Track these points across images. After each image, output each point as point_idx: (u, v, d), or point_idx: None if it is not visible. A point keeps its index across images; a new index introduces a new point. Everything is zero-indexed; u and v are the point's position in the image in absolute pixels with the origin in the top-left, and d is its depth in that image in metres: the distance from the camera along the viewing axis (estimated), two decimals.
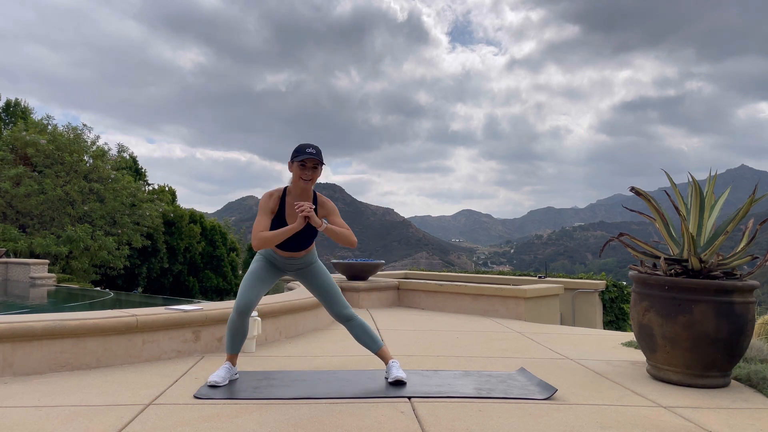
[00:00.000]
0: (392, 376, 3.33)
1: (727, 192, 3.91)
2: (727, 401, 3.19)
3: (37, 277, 11.98)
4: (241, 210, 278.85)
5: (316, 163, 3.24)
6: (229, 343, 3.42)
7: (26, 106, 26.11)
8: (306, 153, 3.20)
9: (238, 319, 3.36)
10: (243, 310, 3.33)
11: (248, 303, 3.34)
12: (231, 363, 3.42)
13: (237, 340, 3.42)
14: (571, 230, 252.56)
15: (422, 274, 11.28)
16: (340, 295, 3.50)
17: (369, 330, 3.48)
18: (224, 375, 3.32)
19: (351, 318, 3.46)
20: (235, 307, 3.35)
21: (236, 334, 3.40)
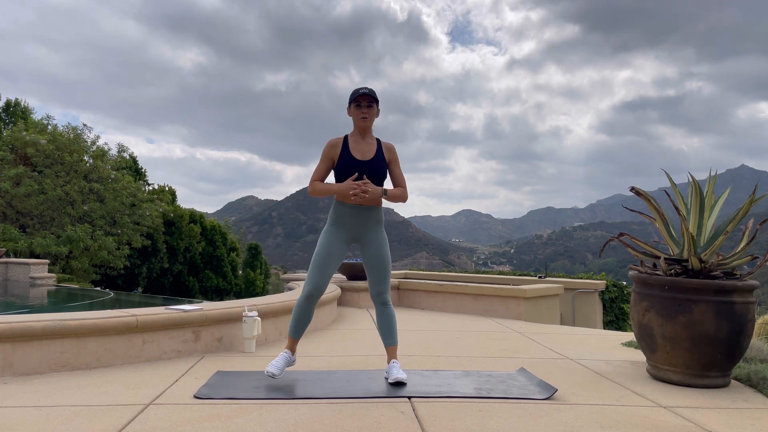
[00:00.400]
0: (392, 376, 3.32)
1: (727, 192, 3.91)
2: (727, 401, 3.19)
3: (37, 277, 11.99)
4: (241, 210, 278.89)
5: (370, 100, 3.34)
6: (293, 326, 3.42)
7: (26, 106, 26.12)
8: (359, 92, 3.32)
9: (305, 302, 3.37)
10: (313, 293, 3.36)
11: (318, 286, 3.36)
12: (291, 350, 3.43)
13: (301, 325, 3.42)
14: (571, 230, 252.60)
15: (422, 274, 11.28)
16: (389, 277, 3.47)
17: (394, 324, 3.47)
18: (282, 365, 3.33)
19: (387, 303, 3.44)
20: (304, 291, 3.37)
21: (302, 318, 3.40)
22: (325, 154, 3.40)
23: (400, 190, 3.44)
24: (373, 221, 3.43)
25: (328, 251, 3.39)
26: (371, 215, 3.41)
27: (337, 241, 3.41)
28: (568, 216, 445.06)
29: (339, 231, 3.43)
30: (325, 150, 3.41)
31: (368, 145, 3.40)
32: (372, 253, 3.43)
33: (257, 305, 4.66)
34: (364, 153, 3.36)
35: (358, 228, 3.42)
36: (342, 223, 3.41)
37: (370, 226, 3.42)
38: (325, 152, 3.40)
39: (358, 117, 3.35)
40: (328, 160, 3.40)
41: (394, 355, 3.47)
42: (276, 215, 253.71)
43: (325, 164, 3.41)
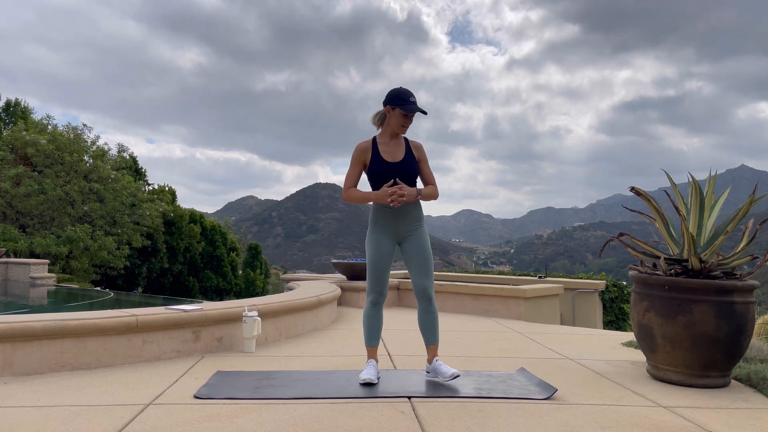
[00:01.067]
0: (446, 375, 3.31)
1: (727, 192, 3.91)
2: (727, 401, 3.19)
3: (37, 277, 11.98)
4: (241, 210, 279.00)
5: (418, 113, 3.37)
6: (367, 336, 3.46)
7: (26, 106, 26.12)
8: (411, 103, 3.33)
9: (372, 310, 3.44)
10: (376, 300, 3.44)
11: (380, 293, 3.44)
12: (374, 359, 3.46)
13: (375, 332, 3.46)
14: (571, 230, 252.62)
15: None
16: (432, 272, 3.46)
17: (437, 322, 3.47)
18: (373, 371, 3.36)
19: (431, 300, 3.43)
20: (369, 299, 3.44)
21: (373, 325, 3.45)
22: (356, 159, 3.41)
23: (432, 188, 3.47)
24: (414, 218, 3.45)
25: (379, 255, 3.42)
26: (411, 213, 3.43)
27: (384, 244, 3.43)
28: (568, 216, 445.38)
29: (383, 233, 3.44)
30: (355, 155, 3.41)
31: (397, 146, 3.42)
32: (413, 249, 3.43)
33: (257, 305, 4.66)
34: (394, 155, 3.38)
35: (400, 227, 3.44)
36: (383, 224, 3.43)
37: (410, 223, 3.44)
38: (355, 157, 3.41)
39: (399, 125, 3.36)
40: (360, 164, 3.41)
41: (436, 353, 3.48)
42: (276, 215, 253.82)
43: (357, 169, 3.42)
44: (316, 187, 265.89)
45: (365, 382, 3.29)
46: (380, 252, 3.41)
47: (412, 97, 3.34)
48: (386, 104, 3.38)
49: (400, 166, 3.36)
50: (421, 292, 3.41)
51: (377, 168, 3.35)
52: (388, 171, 3.34)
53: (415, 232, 3.44)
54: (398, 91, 3.35)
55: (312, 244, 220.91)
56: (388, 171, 3.34)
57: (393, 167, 3.35)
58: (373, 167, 3.36)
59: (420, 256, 3.42)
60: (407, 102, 3.32)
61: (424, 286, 3.40)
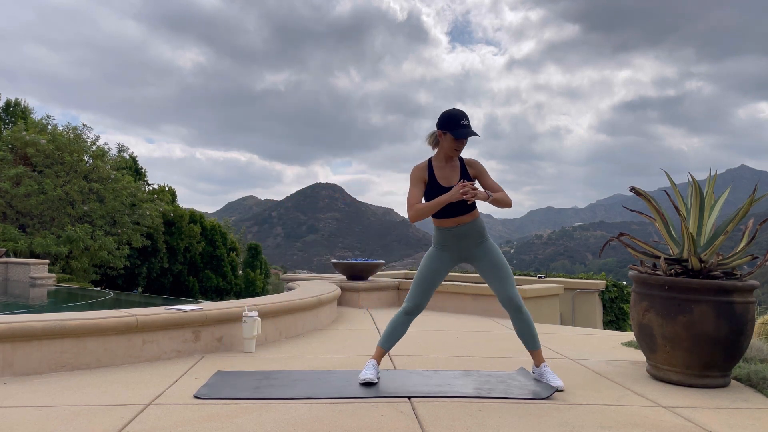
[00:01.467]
0: (553, 384, 3.26)
1: (727, 192, 3.91)
2: (727, 401, 3.19)
3: (37, 277, 11.98)
4: (241, 210, 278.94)
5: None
6: (386, 337, 3.45)
7: (26, 106, 26.12)
8: (463, 127, 3.22)
9: (404, 317, 3.42)
10: (412, 310, 3.41)
11: (419, 304, 3.41)
12: (378, 360, 3.45)
13: (395, 337, 3.46)
14: (571, 230, 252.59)
15: None
16: (513, 280, 3.41)
17: (534, 328, 3.42)
18: (373, 371, 3.35)
19: (520, 308, 3.35)
20: (405, 305, 3.42)
21: (397, 331, 3.44)
22: (417, 178, 3.32)
23: (503, 194, 3.32)
24: (476, 234, 3.38)
25: (434, 273, 3.40)
26: (471, 229, 3.37)
27: (443, 264, 3.41)
28: (568, 216, 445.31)
29: (445, 253, 3.42)
30: (415, 174, 3.33)
31: (453, 169, 3.35)
32: (487, 265, 3.39)
33: (257, 305, 4.66)
34: (449, 179, 3.32)
35: (464, 247, 3.40)
36: (447, 246, 3.40)
37: (473, 240, 3.38)
38: (415, 177, 3.33)
39: (452, 149, 3.27)
40: (421, 182, 3.32)
41: (542, 358, 3.44)
42: (276, 215, 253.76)
43: (419, 188, 3.32)
44: (316, 187, 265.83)
45: (365, 382, 3.29)
46: (435, 266, 3.40)
47: (464, 120, 3.23)
48: (438, 128, 3.29)
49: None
50: (507, 301, 3.35)
51: (434, 193, 3.27)
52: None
53: (481, 247, 3.39)
54: (450, 115, 3.25)
55: (312, 244, 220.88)
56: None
57: (446, 191, 3.23)
58: (430, 192, 3.30)
59: (497, 269, 3.36)
60: (459, 126, 3.21)
61: (509, 295, 3.34)
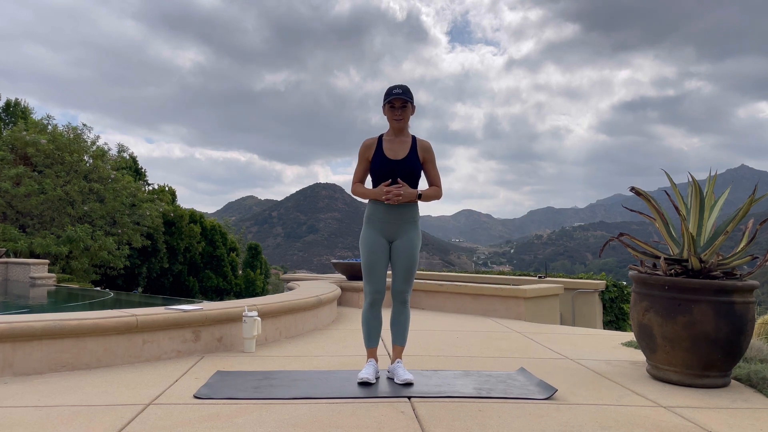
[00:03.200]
0: (400, 377, 3.31)
1: (727, 192, 3.91)
2: (727, 401, 3.19)
3: (37, 277, 11.98)
4: (241, 210, 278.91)
5: (403, 102, 3.33)
6: (366, 337, 3.46)
7: (26, 106, 26.12)
8: (392, 93, 3.31)
9: (370, 310, 3.42)
10: (374, 299, 3.41)
11: (377, 291, 3.40)
12: (374, 359, 3.45)
13: (374, 333, 3.45)
14: (571, 230, 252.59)
15: (422, 274, 11.29)
16: (413, 278, 3.45)
17: (408, 325, 3.48)
18: (372, 371, 3.35)
19: (405, 303, 3.44)
20: (366, 300, 3.42)
21: (372, 326, 3.44)
22: (361, 155, 3.44)
23: (434, 190, 3.43)
24: (406, 219, 3.42)
25: (372, 254, 3.40)
26: (403, 214, 3.40)
27: (377, 242, 3.42)
28: (568, 216, 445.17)
29: (375, 231, 3.44)
30: (360, 151, 3.45)
31: (402, 143, 3.40)
32: (400, 251, 3.42)
33: (257, 305, 4.66)
34: (396, 152, 3.38)
35: (391, 226, 3.41)
36: (375, 222, 3.43)
37: (402, 224, 3.42)
38: (360, 153, 3.45)
39: (392, 118, 3.36)
40: (364, 160, 3.44)
41: (400, 355, 3.47)
42: (276, 215, 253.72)
43: (362, 165, 3.45)
44: (316, 187, 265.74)
45: (362, 381, 3.29)
46: (374, 250, 3.39)
47: (396, 89, 3.33)
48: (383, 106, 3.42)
49: (401, 164, 3.35)
50: (398, 294, 3.43)
51: (378, 164, 3.36)
52: (388, 168, 3.34)
53: (406, 234, 3.42)
54: (387, 89, 3.37)
55: (312, 244, 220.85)
56: (388, 168, 3.34)
57: (393, 164, 3.34)
58: (375, 164, 3.38)
59: (406, 260, 3.41)
60: (389, 94, 3.33)
61: (402, 290, 3.42)
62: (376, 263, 3.39)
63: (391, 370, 3.44)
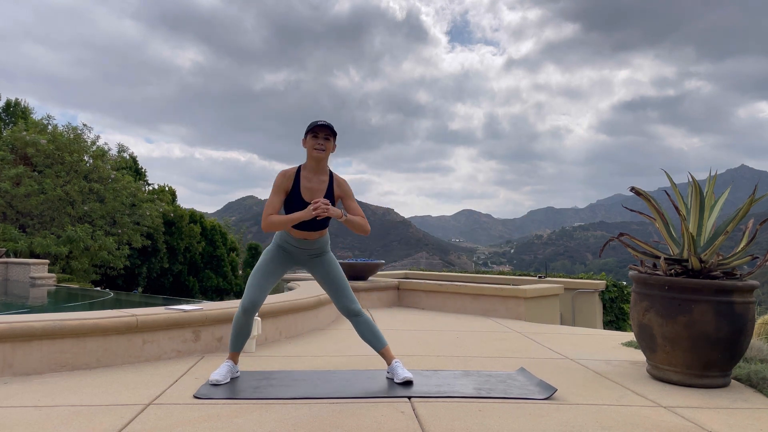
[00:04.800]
0: (399, 376, 3.32)
1: (727, 192, 3.91)
2: (727, 401, 3.19)
3: (37, 277, 11.98)
4: (241, 210, 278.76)
5: (327, 133, 3.27)
6: (233, 341, 3.44)
7: (26, 106, 26.12)
8: (317, 123, 3.26)
9: (243, 316, 3.38)
10: (248, 307, 3.35)
11: (254, 301, 3.35)
12: (233, 361, 3.44)
13: (240, 339, 3.44)
14: (571, 230, 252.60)
15: (422, 274, 11.29)
16: (349, 290, 3.46)
17: (375, 328, 3.48)
18: (225, 373, 3.33)
19: (358, 314, 3.44)
20: (241, 305, 3.38)
21: (240, 332, 3.42)
22: (278, 187, 3.27)
23: (361, 219, 3.29)
24: (318, 249, 3.44)
25: (268, 271, 3.40)
26: (315, 245, 3.42)
27: (279, 265, 3.43)
28: (568, 216, 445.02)
29: (283, 255, 3.44)
30: (277, 182, 3.29)
31: (320, 183, 3.32)
32: (325, 275, 3.45)
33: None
34: (313, 193, 3.29)
35: (303, 257, 3.45)
36: (287, 250, 3.43)
37: (313, 252, 3.44)
38: (277, 184, 3.28)
39: (313, 147, 3.24)
40: (282, 191, 3.28)
41: (392, 355, 3.48)
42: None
43: (278, 197, 3.28)
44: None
45: (211, 382, 3.24)
46: (270, 268, 3.40)
47: (321, 121, 3.25)
48: (303, 138, 3.31)
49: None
50: (346, 311, 3.43)
51: (294, 204, 3.26)
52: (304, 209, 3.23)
53: (319, 259, 3.44)
54: (311, 123, 3.29)
55: None
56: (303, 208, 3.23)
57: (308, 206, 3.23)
58: (289, 203, 3.27)
59: (332, 281, 3.43)
60: (315, 125, 3.24)
61: (346, 306, 3.42)
62: (269, 279, 3.39)
63: (390, 370, 3.44)
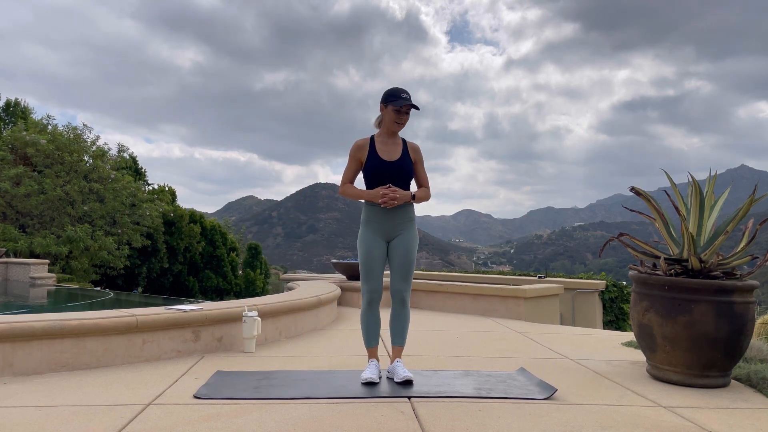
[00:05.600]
0: (399, 376, 3.33)
1: (727, 192, 3.91)
2: (727, 401, 3.19)
3: (37, 277, 11.98)
4: (241, 210, 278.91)
5: (409, 107, 3.37)
6: (366, 337, 3.47)
7: (26, 106, 26.12)
8: (402, 98, 3.34)
9: (368, 310, 3.43)
10: (372, 299, 3.42)
11: (374, 290, 3.41)
12: (374, 358, 3.47)
13: (373, 332, 3.47)
14: (571, 230, 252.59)
15: (422, 274, 11.29)
16: (410, 277, 3.47)
17: (407, 326, 3.48)
18: (375, 371, 3.36)
19: (405, 303, 3.44)
20: (364, 300, 3.43)
21: (369, 326, 3.45)
22: (352, 156, 3.45)
23: (424, 191, 3.50)
24: (404, 219, 3.46)
25: (369, 254, 3.43)
26: (401, 213, 3.44)
27: (374, 242, 3.44)
28: (568, 216, 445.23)
29: (373, 232, 3.45)
30: (351, 151, 3.45)
31: (395, 145, 3.45)
32: (398, 249, 3.44)
33: (257, 305, 4.66)
34: (390, 154, 3.41)
35: (390, 226, 3.44)
36: (373, 222, 3.44)
37: (400, 223, 3.45)
38: (351, 153, 3.45)
39: (393, 121, 3.37)
40: (356, 161, 3.45)
41: (399, 355, 3.48)
42: (276, 215, 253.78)
43: (353, 165, 3.46)
44: (316, 187, 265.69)
45: (366, 382, 3.29)
46: (371, 249, 3.42)
47: (404, 93, 3.37)
48: (381, 102, 3.43)
49: (396, 165, 3.38)
50: (397, 293, 3.44)
51: (373, 166, 3.38)
52: (384, 169, 3.37)
53: (404, 232, 3.45)
54: (391, 90, 3.39)
55: (312, 244, 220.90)
56: (383, 169, 3.37)
57: (388, 166, 3.38)
58: (369, 165, 3.39)
59: (403, 258, 3.43)
60: (398, 98, 3.35)
61: (400, 289, 3.43)
62: (374, 263, 3.41)
63: (390, 369, 3.45)
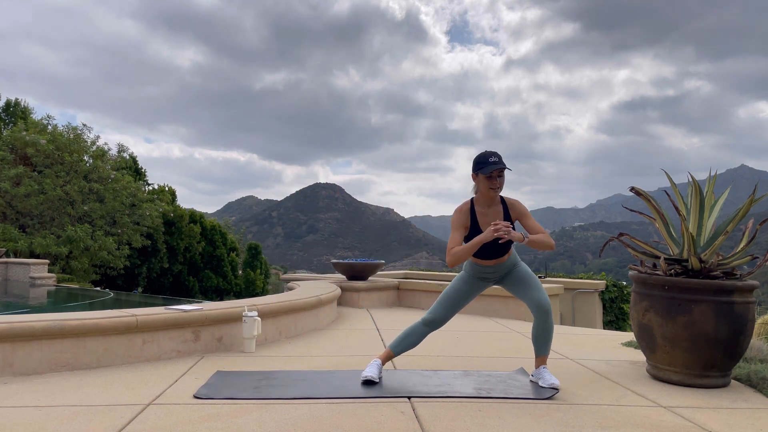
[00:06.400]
0: (548, 381, 3.30)
1: (727, 192, 3.91)
2: (727, 401, 3.19)
3: (37, 277, 11.98)
4: (241, 210, 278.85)
5: (501, 171, 3.25)
6: (399, 342, 3.49)
7: (26, 106, 26.12)
8: (490, 163, 3.22)
9: (423, 327, 3.47)
10: (431, 322, 3.46)
11: (439, 318, 3.46)
12: (383, 361, 3.48)
13: (407, 345, 3.49)
14: (571, 230, 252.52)
15: (422, 274, 11.29)
16: (541, 286, 3.43)
17: (551, 336, 3.41)
18: (376, 370, 3.37)
19: (548, 311, 3.35)
20: (427, 316, 3.46)
21: (408, 338, 3.48)
22: (458, 223, 3.34)
23: (543, 236, 3.26)
24: (510, 267, 3.47)
25: (463, 295, 3.48)
26: (508, 265, 3.45)
27: (474, 288, 3.50)
28: (568, 216, 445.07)
29: (479, 282, 3.50)
30: (457, 220, 3.35)
31: (495, 213, 3.35)
32: (518, 282, 3.45)
33: (257, 305, 4.66)
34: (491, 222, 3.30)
35: (497, 278, 3.49)
36: (483, 276, 3.47)
37: (505, 268, 3.46)
38: (456, 222, 3.35)
39: (488, 188, 3.26)
40: (462, 228, 3.34)
41: (545, 362, 3.46)
42: (276, 215, 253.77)
43: (459, 233, 3.33)
44: (316, 187, 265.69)
45: (366, 380, 3.30)
46: (465, 288, 3.48)
47: (492, 157, 3.23)
48: (473, 172, 3.33)
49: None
50: (539, 304, 3.34)
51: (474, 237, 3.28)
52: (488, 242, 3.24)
53: (514, 271, 3.47)
54: (479, 157, 3.29)
55: (312, 244, 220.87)
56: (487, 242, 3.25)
57: None
58: (473, 235, 3.30)
59: (525, 281, 3.42)
60: (487, 164, 3.23)
61: (541, 299, 3.34)
62: (461, 298, 3.48)
63: (535, 374, 3.43)
